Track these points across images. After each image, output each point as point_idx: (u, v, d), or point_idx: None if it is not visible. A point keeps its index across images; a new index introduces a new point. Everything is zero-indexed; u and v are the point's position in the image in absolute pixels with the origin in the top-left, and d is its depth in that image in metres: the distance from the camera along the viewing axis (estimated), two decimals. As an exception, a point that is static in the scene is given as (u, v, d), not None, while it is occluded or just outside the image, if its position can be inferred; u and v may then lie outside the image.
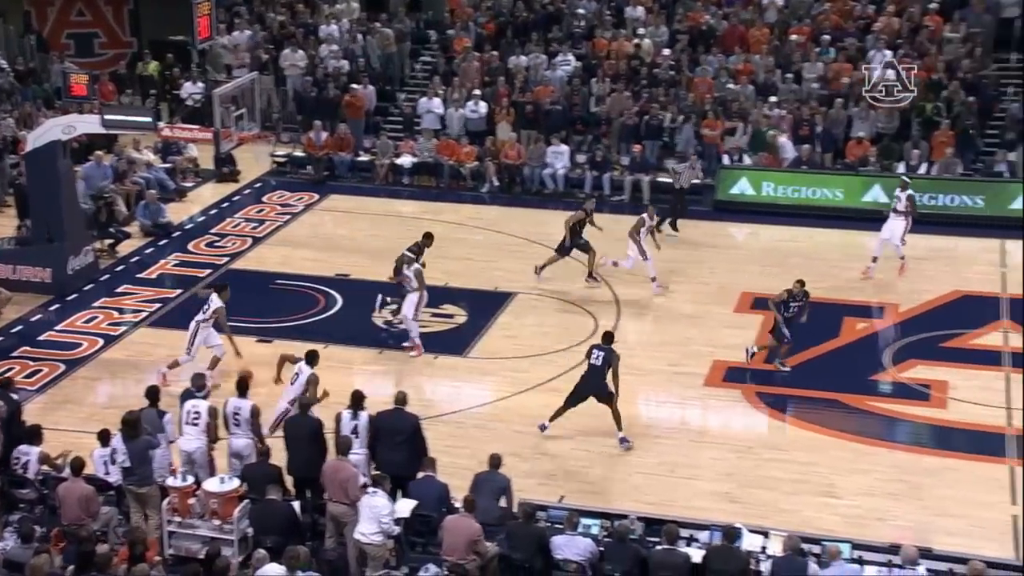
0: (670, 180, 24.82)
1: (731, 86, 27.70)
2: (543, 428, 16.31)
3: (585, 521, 12.67)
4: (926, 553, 12.08)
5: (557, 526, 12.66)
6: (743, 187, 25.95)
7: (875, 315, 20.51)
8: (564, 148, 27.08)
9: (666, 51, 28.94)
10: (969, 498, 14.91)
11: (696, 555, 12.19)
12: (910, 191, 22.13)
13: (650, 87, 28.00)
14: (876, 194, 25.04)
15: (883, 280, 21.71)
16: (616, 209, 24.94)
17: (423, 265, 19.00)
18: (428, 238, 19.67)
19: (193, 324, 17.71)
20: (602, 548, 12.31)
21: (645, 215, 21.61)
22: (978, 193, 24.82)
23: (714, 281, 21.73)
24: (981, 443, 16.26)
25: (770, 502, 14.79)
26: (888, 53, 27.33)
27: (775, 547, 12.27)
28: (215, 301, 17.65)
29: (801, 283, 18.43)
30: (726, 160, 26.38)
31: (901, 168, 25.27)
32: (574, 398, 16.09)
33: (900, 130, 26.26)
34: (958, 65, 27.03)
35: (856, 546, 12.40)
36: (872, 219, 23.38)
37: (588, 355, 16.18)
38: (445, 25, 31.82)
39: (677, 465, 15.83)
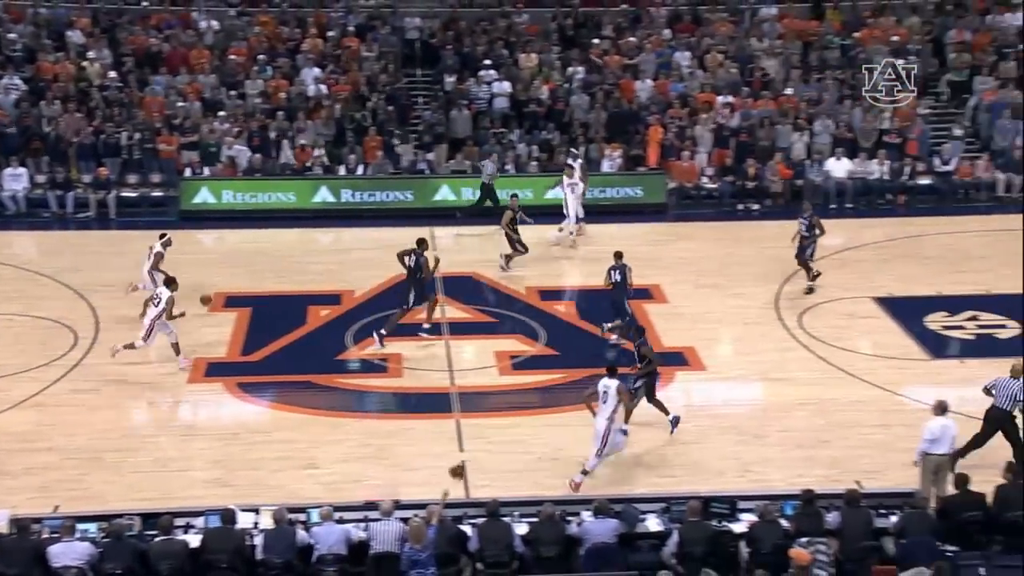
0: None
1: (181, 104, 27.39)
2: None
3: (82, 526, 12.15)
4: (398, 504, 12.75)
5: (55, 535, 12.09)
6: (205, 196, 25.81)
7: (334, 302, 21.14)
8: (22, 170, 25.60)
9: (112, 73, 28.04)
10: (426, 451, 15.77)
11: (194, 540, 12.13)
12: (580, 160, 23.78)
13: (102, 107, 27.07)
14: (324, 195, 25.94)
15: (337, 271, 22.51)
16: (83, 225, 23.87)
17: None
18: None
19: (150, 318, 17.49)
20: (101, 549, 11.91)
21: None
22: (407, 189, 26.30)
23: (188, 285, 21.42)
24: (432, 403, 17.28)
25: (259, 481, 14.90)
26: (318, 70, 28.33)
27: (266, 521, 12.45)
28: (165, 292, 17.58)
29: (619, 254, 19.09)
30: (188, 172, 26.14)
31: (343, 171, 26.29)
32: None
33: (337, 137, 27.23)
34: (377, 80, 28.45)
35: (337, 507, 12.79)
36: (322, 217, 24.23)
37: None
38: None
39: (170, 460, 15.56)
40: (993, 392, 14.77)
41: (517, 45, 29.75)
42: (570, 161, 24.51)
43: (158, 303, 17.68)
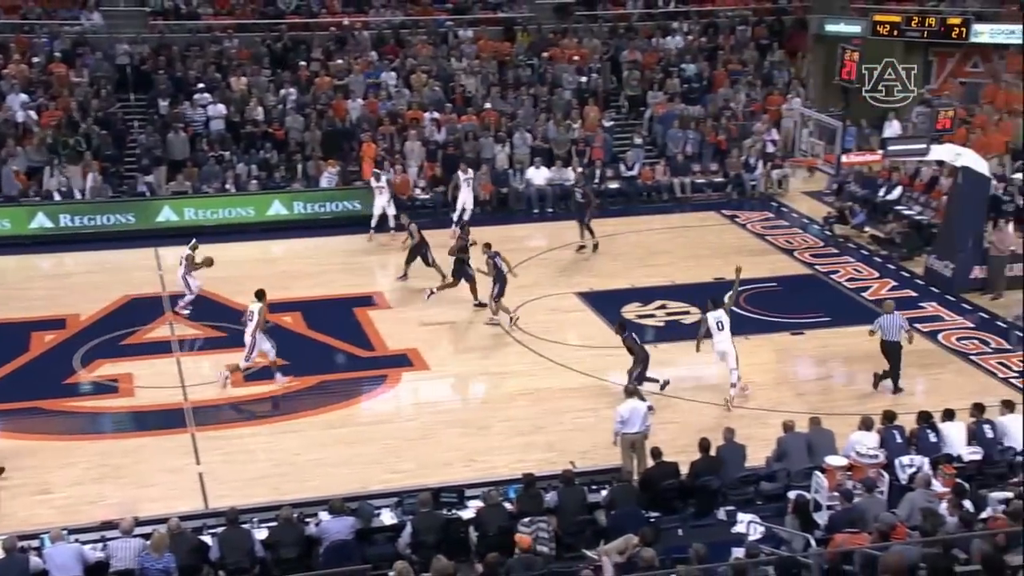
0: None
1: None
2: None
3: None
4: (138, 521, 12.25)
5: None
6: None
7: (59, 327, 20.02)
8: None
9: None
10: (162, 467, 15.25)
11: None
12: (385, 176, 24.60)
13: None
14: (41, 220, 24.46)
15: (60, 295, 21.33)
16: None
17: None
18: None
19: (248, 335, 17.12)
20: None
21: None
22: (129, 211, 25.20)
23: None
24: (166, 420, 16.66)
25: (-11, 512, 13.98)
26: (24, 96, 26.75)
27: (-3, 552, 11.67)
28: (256, 305, 17.28)
29: (487, 245, 19.90)
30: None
31: (58, 196, 24.90)
32: None
33: (48, 162, 25.72)
34: (89, 104, 27.11)
35: (73, 530, 12.18)
36: (41, 243, 22.85)
37: None
38: None
39: None
40: (880, 330, 17.20)
41: (229, 69, 29.07)
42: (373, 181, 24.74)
43: (252, 317, 17.17)
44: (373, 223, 24.45)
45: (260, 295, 17.71)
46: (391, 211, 24.39)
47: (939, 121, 22.58)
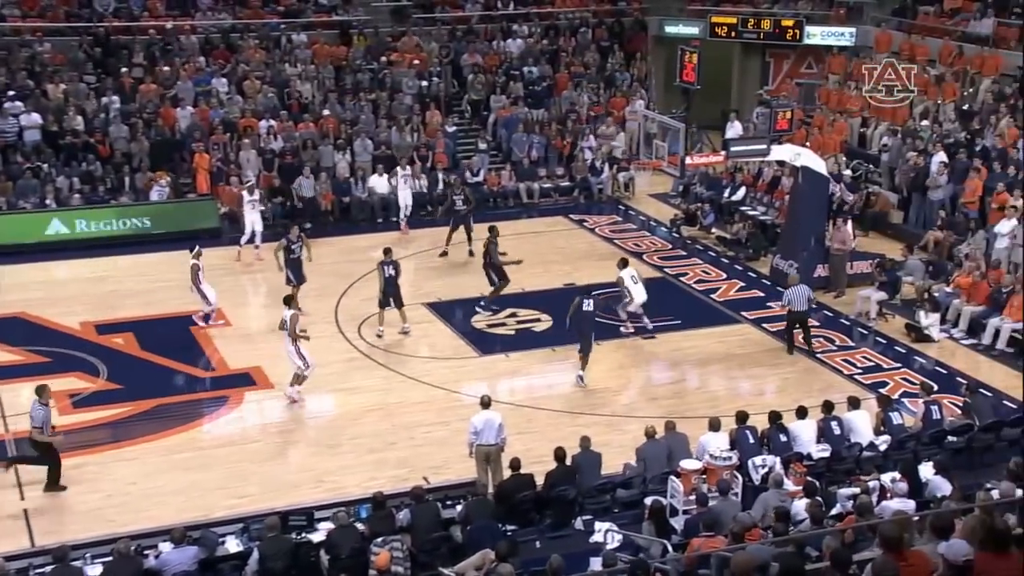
0: None
1: None
2: None
3: None
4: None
5: None
6: None
7: None
8: None
9: None
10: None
11: None
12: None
13: None
14: None
15: None
16: None
17: None
18: None
19: (288, 344, 17.35)
20: None
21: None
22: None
23: None
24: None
25: None
26: None
27: None
28: (287, 312, 17.48)
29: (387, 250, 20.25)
30: None
31: None
32: None
33: None
34: None
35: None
36: None
37: None
38: None
39: None
40: (788, 303, 19.32)
41: (44, 75, 28.01)
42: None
43: (285, 326, 17.25)
44: (243, 240, 24.02)
45: (288, 301, 18.10)
46: (260, 228, 24.03)
47: (778, 122, 23.43)
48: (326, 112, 28.80)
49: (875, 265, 22.11)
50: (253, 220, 24.06)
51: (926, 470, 13.57)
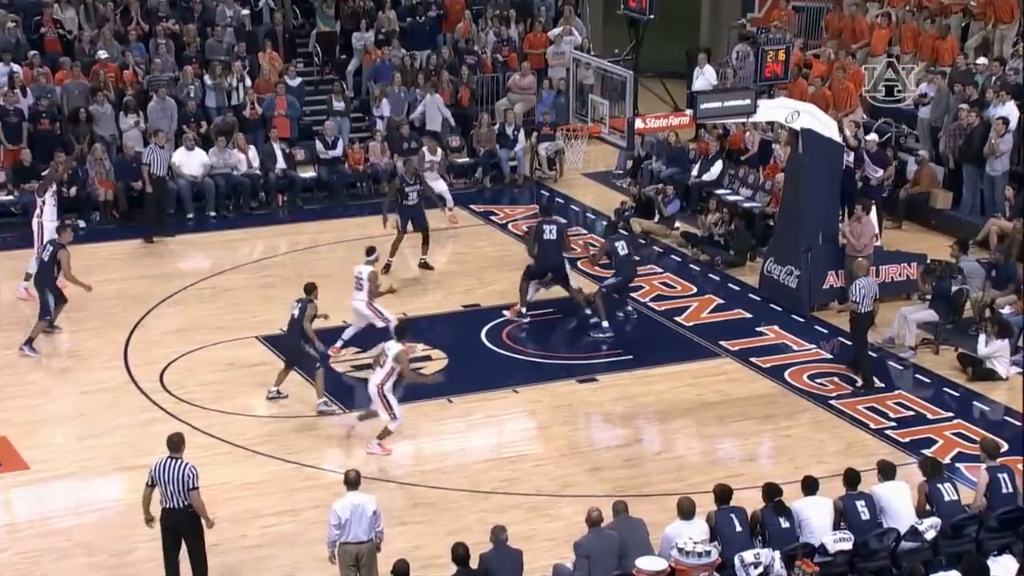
0: None
1: None
2: None
3: None
4: None
5: None
6: None
7: None
8: None
9: None
10: None
11: None
12: None
13: None
14: None
15: None
16: None
17: None
18: None
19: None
20: None
21: None
22: None
23: None
24: None
25: None
26: None
27: None
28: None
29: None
30: None
31: None
32: None
33: None
34: None
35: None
36: None
37: None
38: None
39: None
40: (860, 298, 19.76)
41: None
42: None
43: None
44: None
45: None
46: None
47: (768, 65, 23.45)
48: (102, 54, 28.53)
49: (922, 272, 22.14)
50: None
51: (1000, 568, 13.50)
